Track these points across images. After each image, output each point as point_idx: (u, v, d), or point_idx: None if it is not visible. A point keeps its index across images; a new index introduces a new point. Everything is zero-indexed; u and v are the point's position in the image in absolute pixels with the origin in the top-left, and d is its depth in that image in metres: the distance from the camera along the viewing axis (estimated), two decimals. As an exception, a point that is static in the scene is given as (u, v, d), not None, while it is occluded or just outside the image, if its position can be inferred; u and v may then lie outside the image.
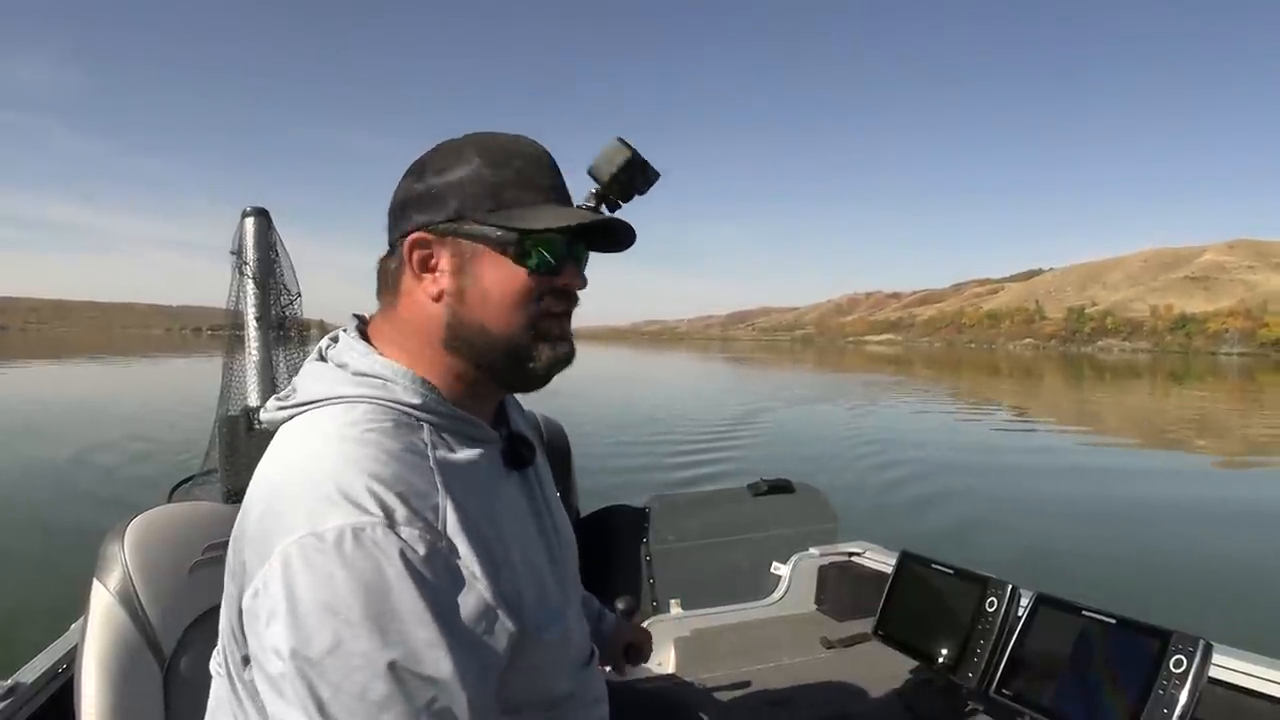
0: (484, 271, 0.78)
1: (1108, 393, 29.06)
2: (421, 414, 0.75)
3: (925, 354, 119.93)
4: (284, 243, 2.39)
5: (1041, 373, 53.67)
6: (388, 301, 0.82)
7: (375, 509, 0.65)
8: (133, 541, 1.03)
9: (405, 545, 0.64)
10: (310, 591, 0.62)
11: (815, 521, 2.62)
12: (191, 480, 2.34)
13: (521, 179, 0.79)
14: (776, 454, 10.86)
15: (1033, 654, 1.47)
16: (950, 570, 1.74)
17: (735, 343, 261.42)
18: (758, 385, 29.68)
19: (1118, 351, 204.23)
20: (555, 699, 0.82)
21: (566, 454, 2.51)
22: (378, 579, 0.63)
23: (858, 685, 1.80)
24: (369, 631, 0.62)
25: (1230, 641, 1.42)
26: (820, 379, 34.87)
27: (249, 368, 2.25)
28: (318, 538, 0.63)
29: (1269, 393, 34.35)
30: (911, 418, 18.09)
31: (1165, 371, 62.76)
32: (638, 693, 1.38)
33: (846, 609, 2.24)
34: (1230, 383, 43.45)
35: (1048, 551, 6.12)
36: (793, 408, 18.80)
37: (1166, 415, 21.78)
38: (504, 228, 0.77)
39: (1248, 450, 14.21)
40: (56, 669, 1.31)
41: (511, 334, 0.79)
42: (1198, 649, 1.23)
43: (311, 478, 0.68)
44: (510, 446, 0.85)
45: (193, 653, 1.04)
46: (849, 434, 13.61)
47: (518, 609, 0.72)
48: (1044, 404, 25.02)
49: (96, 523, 6.51)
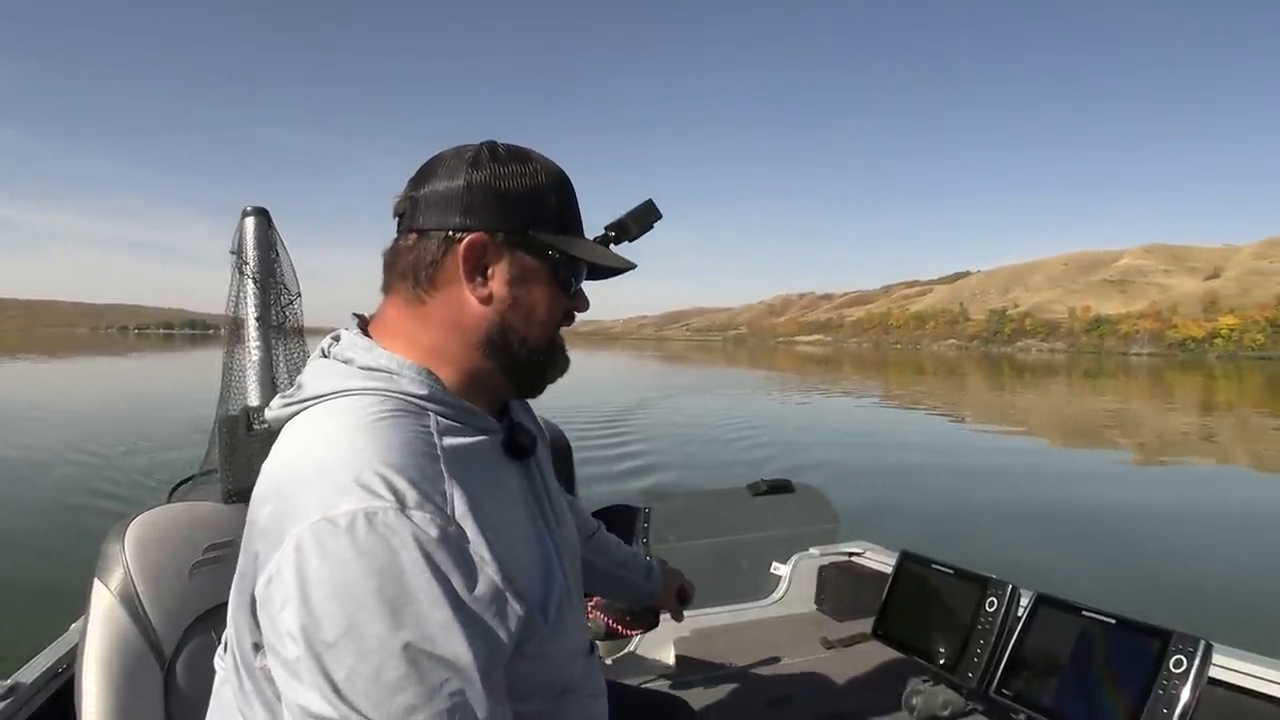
0: (537, 287, 0.83)
1: (1075, 395, 30.08)
2: (428, 404, 0.76)
3: (853, 354, 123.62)
4: (284, 242, 2.39)
5: (965, 372, 55.49)
6: (412, 293, 0.81)
7: (386, 493, 0.65)
8: (133, 541, 1.03)
9: (417, 529, 0.65)
10: (323, 575, 0.63)
11: (815, 521, 2.62)
12: (191, 480, 2.34)
13: (571, 206, 0.86)
14: (776, 454, 10.86)
15: (1033, 654, 1.48)
16: (950, 570, 1.74)
17: (669, 343, 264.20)
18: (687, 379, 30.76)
19: (1035, 351, 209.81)
20: (562, 687, 0.83)
21: (568, 455, 2.51)
22: (391, 562, 0.63)
23: (857, 685, 1.80)
24: (383, 614, 0.62)
25: (1230, 641, 1.41)
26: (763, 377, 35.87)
27: (249, 368, 2.25)
28: (330, 522, 0.64)
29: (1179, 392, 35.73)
30: (909, 418, 18.17)
31: (1080, 370, 65.07)
32: (637, 692, 1.38)
33: (846, 609, 2.24)
34: (1145, 382, 45.49)
35: (1048, 551, 6.12)
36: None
37: (1167, 416, 21.84)
38: (563, 253, 0.83)
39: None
40: (56, 669, 1.31)
41: (545, 347, 0.85)
42: (1198, 649, 1.23)
43: (323, 466, 0.68)
44: (510, 437, 0.86)
45: (193, 652, 1.04)
46: (848, 433, 13.63)
47: (525, 594, 0.72)
48: (1014, 407, 25.24)
49: (96, 523, 6.55)
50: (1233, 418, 21.58)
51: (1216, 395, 33.62)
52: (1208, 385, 43.02)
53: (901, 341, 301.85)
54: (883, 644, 1.84)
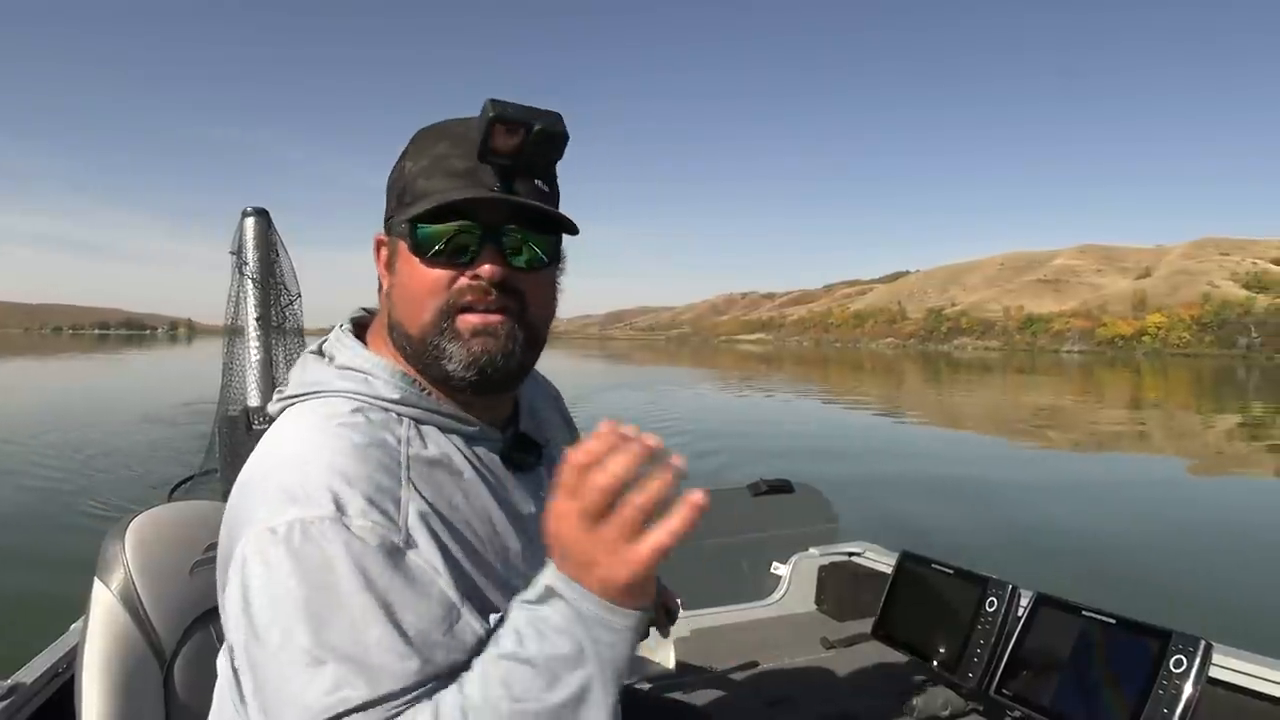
0: (401, 267, 0.76)
1: (1039, 393, 30.55)
2: (402, 408, 0.75)
3: (794, 352, 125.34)
4: (284, 243, 2.39)
5: (902, 370, 56.51)
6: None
7: (327, 502, 0.65)
8: (134, 541, 1.03)
9: (354, 539, 0.64)
10: (261, 585, 0.63)
11: (815, 521, 2.62)
12: (192, 480, 2.34)
13: (437, 165, 0.74)
14: (776, 454, 10.86)
15: (1032, 654, 1.47)
16: (950, 570, 1.74)
17: (613, 342, 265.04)
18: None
19: (971, 349, 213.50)
20: None
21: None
22: (324, 572, 0.62)
23: (858, 685, 1.80)
24: (314, 625, 0.61)
25: (1230, 641, 1.41)
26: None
27: (249, 368, 2.25)
28: (271, 531, 0.64)
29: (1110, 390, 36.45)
30: (906, 418, 18.19)
31: (1013, 367, 66.67)
32: (637, 693, 1.38)
33: (846, 609, 2.24)
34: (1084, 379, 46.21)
35: (1048, 551, 6.12)
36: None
37: (1160, 417, 21.85)
38: (404, 221, 0.74)
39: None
40: (56, 669, 1.31)
41: (423, 333, 0.75)
42: (1198, 649, 1.23)
43: (274, 472, 0.69)
44: (513, 446, 0.83)
45: (193, 652, 1.04)
46: (849, 434, 13.62)
47: (487, 610, 0.69)
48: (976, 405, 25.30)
49: (96, 522, 6.53)
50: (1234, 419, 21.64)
51: (1204, 394, 33.91)
52: (1141, 382, 43.96)
53: (841, 340, 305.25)
54: (883, 644, 1.84)
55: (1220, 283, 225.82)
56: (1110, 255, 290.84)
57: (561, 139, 0.72)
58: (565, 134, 0.72)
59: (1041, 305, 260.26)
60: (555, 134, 0.71)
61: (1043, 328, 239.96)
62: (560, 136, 0.72)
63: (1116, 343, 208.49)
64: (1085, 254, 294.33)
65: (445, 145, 0.74)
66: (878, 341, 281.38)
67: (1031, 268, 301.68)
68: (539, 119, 0.70)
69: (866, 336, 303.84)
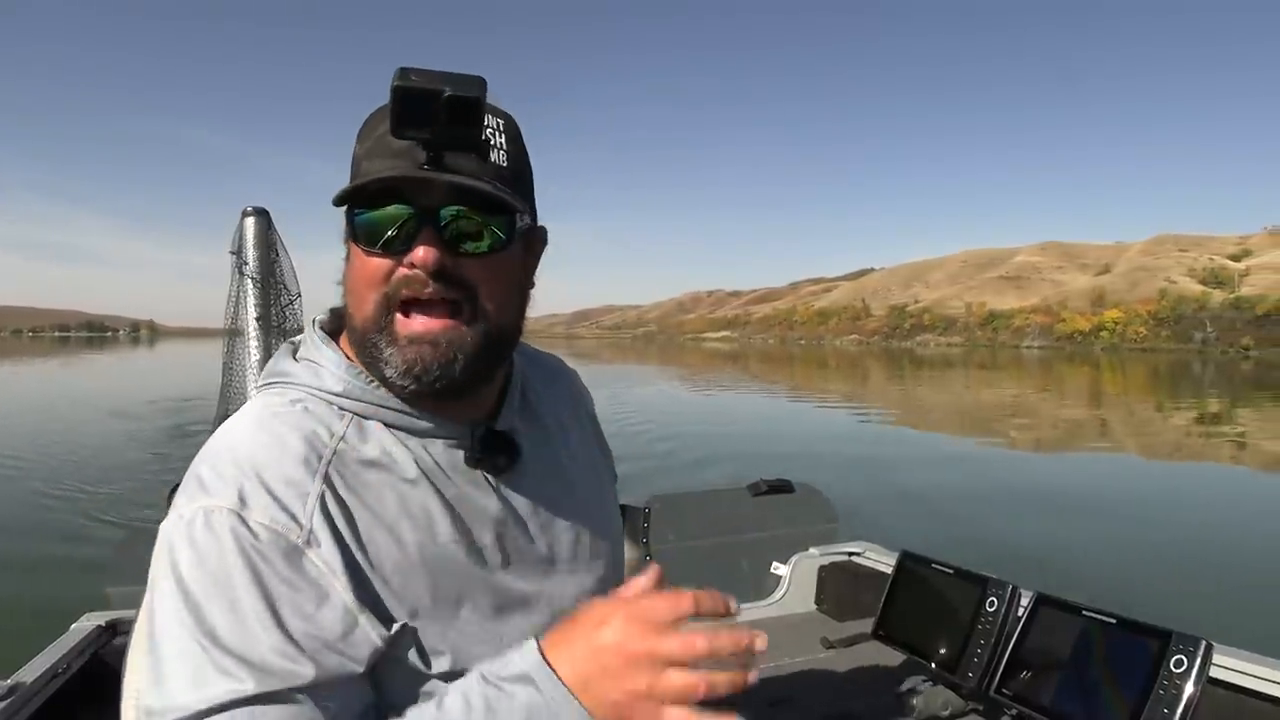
0: (350, 258, 0.73)
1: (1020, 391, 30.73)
2: (345, 401, 0.73)
3: (760, 350, 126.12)
4: (284, 242, 2.39)
5: (867, 366, 57.21)
6: None
7: (231, 495, 0.65)
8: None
9: (249, 534, 0.64)
10: (164, 570, 0.64)
11: (815, 521, 2.62)
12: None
13: (378, 145, 0.69)
14: (775, 454, 10.86)
15: (1032, 654, 1.47)
16: (950, 570, 1.74)
17: (579, 341, 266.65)
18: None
19: (934, 346, 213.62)
20: None
21: None
22: (217, 563, 0.63)
23: (858, 685, 1.80)
24: (200, 612, 0.62)
25: (1230, 641, 1.41)
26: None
27: (249, 368, 2.25)
28: (180, 518, 0.66)
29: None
30: (907, 418, 18.20)
31: (976, 363, 67.99)
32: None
33: (846, 609, 2.24)
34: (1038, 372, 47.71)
35: (1048, 551, 6.13)
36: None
37: (1160, 415, 21.86)
38: (341, 207, 0.70)
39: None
40: (57, 669, 1.31)
41: (365, 328, 0.71)
42: (1198, 649, 1.23)
43: (201, 460, 0.70)
44: (481, 447, 0.76)
45: None
46: (848, 434, 13.62)
47: (391, 621, 0.67)
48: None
49: (96, 523, 6.54)
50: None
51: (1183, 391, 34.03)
52: (1100, 378, 44.16)
53: (806, 337, 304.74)
54: (883, 644, 1.84)
55: (1178, 278, 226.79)
56: (1071, 252, 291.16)
57: (475, 105, 0.64)
58: (479, 100, 0.64)
59: (1003, 302, 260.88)
60: (468, 100, 0.63)
61: (1004, 324, 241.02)
62: (473, 102, 0.63)
63: (1075, 338, 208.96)
64: (1046, 251, 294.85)
65: (388, 124, 0.67)
66: (842, 338, 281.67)
67: (993, 265, 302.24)
68: (449, 84, 0.62)
69: (831, 333, 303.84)
